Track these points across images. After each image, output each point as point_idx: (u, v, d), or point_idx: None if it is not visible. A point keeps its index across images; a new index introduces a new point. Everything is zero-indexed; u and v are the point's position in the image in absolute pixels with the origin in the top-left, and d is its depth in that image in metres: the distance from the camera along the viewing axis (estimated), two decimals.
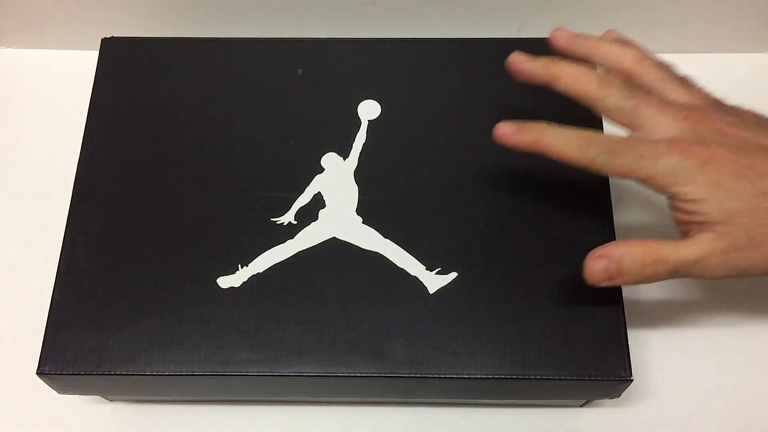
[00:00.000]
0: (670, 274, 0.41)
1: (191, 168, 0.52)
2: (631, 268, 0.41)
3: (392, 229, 0.50)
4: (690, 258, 0.40)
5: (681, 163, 0.40)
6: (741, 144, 0.40)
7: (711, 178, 0.40)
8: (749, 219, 0.39)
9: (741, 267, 0.40)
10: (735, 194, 0.39)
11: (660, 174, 0.40)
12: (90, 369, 0.46)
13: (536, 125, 0.43)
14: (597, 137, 0.42)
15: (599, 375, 0.45)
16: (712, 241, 0.40)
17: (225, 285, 0.48)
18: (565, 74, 0.43)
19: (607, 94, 0.42)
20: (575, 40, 0.46)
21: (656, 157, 0.40)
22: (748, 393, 0.53)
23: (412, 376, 0.46)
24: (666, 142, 0.40)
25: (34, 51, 0.69)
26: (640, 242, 0.41)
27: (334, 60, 0.56)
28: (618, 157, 0.41)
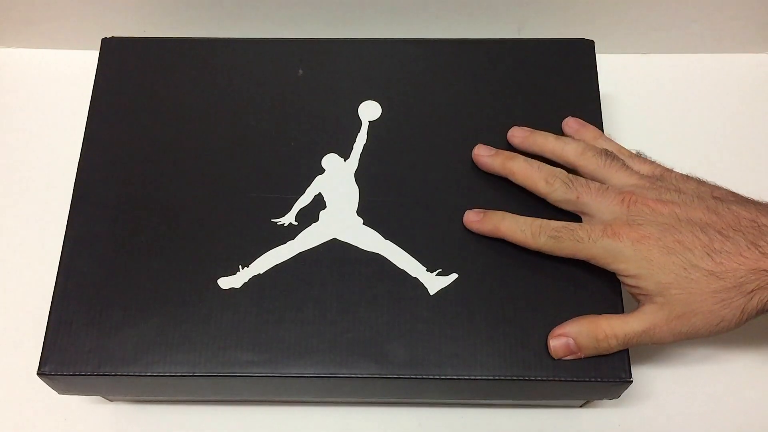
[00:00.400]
0: (622, 345, 0.45)
1: (191, 168, 0.52)
2: (587, 344, 0.45)
3: (393, 231, 0.50)
4: (637, 330, 0.45)
5: (613, 244, 0.45)
6: (671, 221, 0.45)
7: (643, 255, 0.44)
8: (682, 289, 0.43)
9: (685, 332, 0.44)
10: (666, 268, 0.44)
11: (598, 255, 0.45)
12: (90, 369, 0.46)
13: (496, 216, 0.49)
14: (545, 225, 0.47)
15: (599, 376, 0.46)
16: (654, 312, 0.44)
17: (226, 286, 0.48)
18: (518, 171, 0.49)
19: (552, 189, 0.48)
20: (527, 139, 0.51)
21: (593, 240, 0.45)
22: (747, 394, 0.53)
23: (413, 377, 0.46)
24: (601, 226, 0.46)
25: (34, 51, 0.68)
26: (593, 320, 0.46)
27: (334, 60, 0.56)
28: (562, 242, 0.46)
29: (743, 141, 0.63)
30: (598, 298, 0.47)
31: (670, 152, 0.62)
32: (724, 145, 0.63)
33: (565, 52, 0.56)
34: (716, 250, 0.43)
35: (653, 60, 0.67)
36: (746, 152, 0.63)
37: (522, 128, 0.52)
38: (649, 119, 0.64)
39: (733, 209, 0.45)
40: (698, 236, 0.44)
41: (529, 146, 0.51)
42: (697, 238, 0.44)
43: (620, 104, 0.64)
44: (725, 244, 0.43)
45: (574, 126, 0.52)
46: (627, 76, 0.66)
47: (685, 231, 0.44)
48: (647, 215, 0.45)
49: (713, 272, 0.43)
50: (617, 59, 0.66)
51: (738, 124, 0.64)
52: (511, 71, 0.56)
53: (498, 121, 0.53)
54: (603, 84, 0.55)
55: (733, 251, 0.43)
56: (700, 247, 0.44)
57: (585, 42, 0.56)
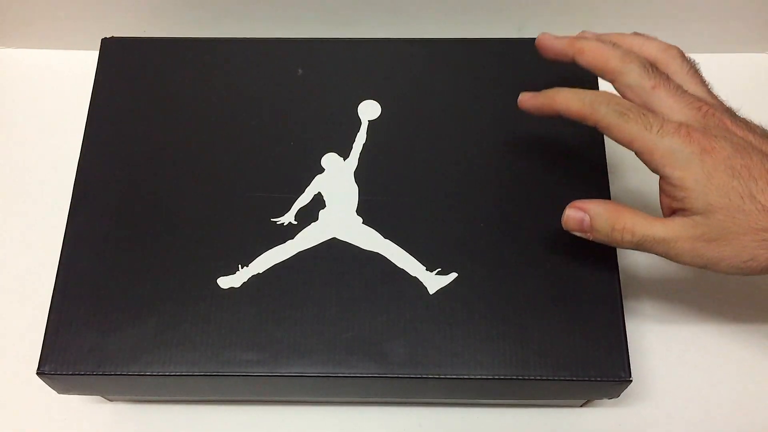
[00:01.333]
0: (635, 245, 0.43)
1: (191, 168, 0.52)
2: (601, 228, 0.43)
3: (392, 230, 0.50)
4: (658, 236, 0.42)
5: (682, 146, 0.41)
6: (743, 144, 0.41)
7: (705, 168, 0.41)
8: (728, 216, 0.40)
9: (707, 258, 0.41)
10: (723, 190, 0.40)
11: (660, 150, 0.41)
12: (90, 369, 0.46)
13: (551, 90, 0.45)
14: (612, 97, 0.43)
15: (599, 376, 0.46)
16: (685, 227, 0.41)
17: (225, 285, 0.48)
18: (589, 48, 0.45)
19: (628, 69, 0.43)
20: (602, 35, 0.47)
21: (662, 133, 0.41)
22: (746, 393, 0.53)
23: (413, 377, 0.46)
24: (675, 123, 0.41)
25: (34, 51, 0.69)
26: (619, 207, 0.43)
27: (334, 60, 0.56)
28: (627, 120, 0.42)
29: None
30: (598, 299, 0.47)
31: None
32: None
33: None
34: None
35: None
36: None
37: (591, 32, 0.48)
38: None
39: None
40: (767, 167, 0.40)
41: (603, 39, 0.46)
42: (765, 168, 0.40)
43: None
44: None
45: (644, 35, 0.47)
46: None
47: (756, 159, 0.41)
48: (722, 131, 0.42)
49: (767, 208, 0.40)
50: None
51: None
52: (511, 71, 0.56)
53: (498, 121, 0.53)
54: (603, 84, 0.55)
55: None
56: (765, 178, 0.40)
57: None
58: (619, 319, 0.47)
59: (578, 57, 0.45)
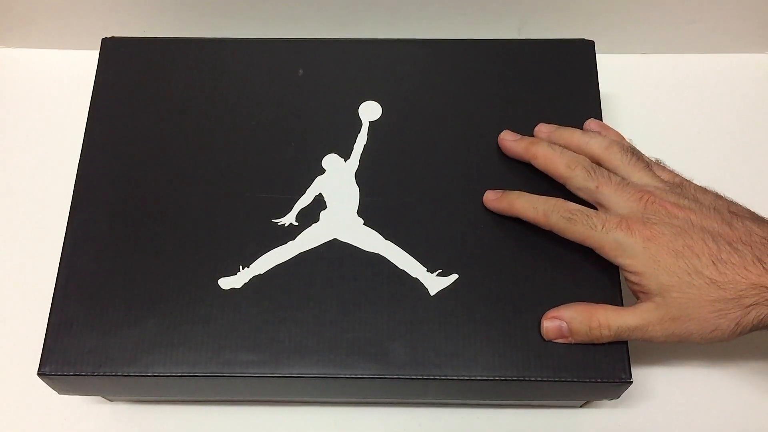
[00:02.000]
0: (613, 337, 0.46)
1: (192, 168, 0.52)
2: (579, 330, 0.46)
3: (393, 231, 0.50)
4: (630, 325, 0.45)
5: (625, 238, 0.45)
6: (685, 226, 0.45)
7: (651, 254, 0.44)
8: (682, 293, 0.44)
9: (678, 334, 0.45)
10: (670, 271, 0.44)
11: (608, 245, 0.46)
12: (91, 370, 0.46)
13: (512, 194, 0.49)
14: (560, 205, 0.47)
15: (599, 377, 0.46)
16: (651, 311, 0.45)
17: (226, 286, 0.48)
18: (540, 155, 0.50)
19: (573, 175, 0.48)
20: (554, 134, 0.52)
21: (606, 230, 0.45)
22: (746, 395, 0.53)
23: (413, 378, 0.46)
24: (616, 218, 0.46)
25: (34, 51, 0.68)
26: (589, 307, 0.46)
27: (334, 61, 0.56)
28: (575, 224, 0.46)
29: (743, 141, 0.63)
30: (598, 299, 0.47)
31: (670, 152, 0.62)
32: (723, 145, 0.63)
33: (566, 53, 0.56)
34: (722, 260, 0.44)
35: (653, 60, 0.67)
36: (746, 152, 0.63)
37: (548, 125, 0.52)
38: (649, 119, 0.64)
39: (747, 224, 0.45)
40: (708, 244, 0.44)
41: (555, 140, 0.51)
42: (706, 245, 0.44)
43: (620, 104, 0.64)
44: (732, 256, 0.44)
45: (596, 128, 0.52)
46: (627, 76, 0.66)
47: (696, 237, 0.44)
48: (662, 216, 0.45)
49: (715, 281, 0.43)
50: (617, 59, 0.66)
51: (738, 124, 0.64)
52: (512, 71, 0.56)
53: (498, 122, 0.53)
54: (603, 84, 0.55)
55: (738, 264, 0.43)
56: (707, 254, 0.44)
57: (585, 42, 0.56)
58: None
59: (533, 161, 0.50)
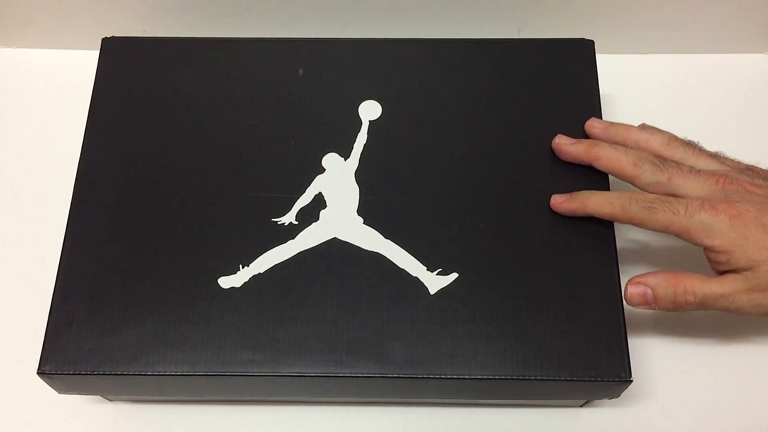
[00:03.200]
0: (698, 305, 0.46)
1: (192, 168, 0.52)
2: (664, 296, 0.46)
3: (393, 230, 0.50)
4: (717, 293, 0.45)
5: (711, 219, 0.45)
6: (766, 201, 0.45)
7: (738, 232, 0.45)
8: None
9: (765, 305, 0.45)
10: (759, 245, 0.44)
11: (693, 228, 0.45)
12: (90, 369, 0.46)
13: (582, 193, 0.49)
14: (637, 195, 0.47)
15: (599, 376, 0.46)
16: (738, 282, 0.45)
17: (226, 285, 0.48)
18: (604, 155, 0.49)
19: (641, 172, 0.48)
20: (608, 130, 0.51)
21: (690, 213, 0.45)
22: (746, 394, 0.53)
23: (413, 377, 0.46)
24: (698, 201, 0.46)
25: (34, 51, 0.68)
26: (675, 274, 0.47)
27: (335, 60, 0.56)
28: (656, 213, 0.46)
29: (743, 141, 0.63)
30: (598, 300, 0.47)
31: None
32: (724, 145, 0.62)
33: (565, 52, 0.56)
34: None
35: (653, 60, 0.67)
36: (746, 152, 0.62)
37: (599, 120, 0.52)
38: (649, 119, 0.64)
39: None
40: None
41: (611, 136, 0.51)
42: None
43: (620, 104, 0.64)
44: None
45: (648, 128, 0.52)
46: (627, 76, 0.66)
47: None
48: (743, 194, 0.46)
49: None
50: (617, 59, 0.66)
51: (738, 124, 0.64)
52: (512, 71, 0.56)
53: (498, 121, 0.54)
54: (603, 84, 0.55)
55: None
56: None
57: (585, 42, 0.56)
58: (619, 319, 0.47)
59: (595, 163, 0.50)
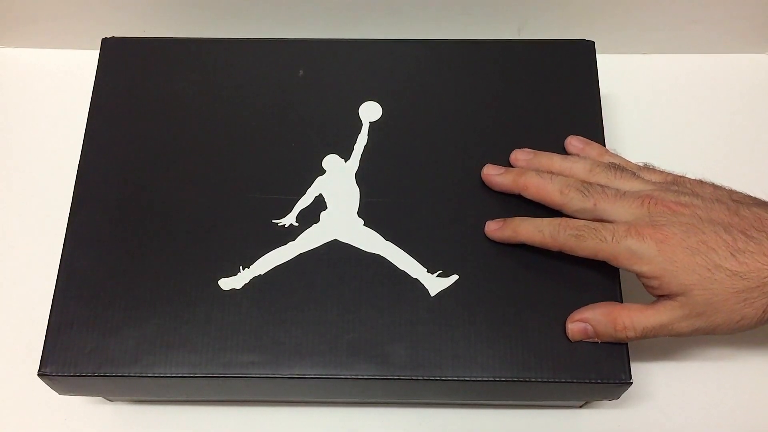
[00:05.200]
0: (639, 336, 0.46)
1: (192, 169, 0.52)
2: (604, 332, 0.46)
3: (394, 232, 0.50)
4: (655, 324, 0.45)
5: (637, 245, 0.44)
6: (694, 222, 0.45)
7: (666, 257, 0.44)
8: (705, 290, 0.43)
9: (705, 328, 0.45)
10: (690, 269, 0.43)
11: (621, 255, 0.45)
12: (91, 370, 0.46)
13: (514, 221, 0.49)
14: (565, 223, 0.47)
15: (599, 378, 0.46)
16: (675, 309, 0.45)
17: (226, 287, 0.48)
18: (531, 185, 0.49)
19: (568, 199, 0.48)
20: (533, 161, 0.51)
21: (616, 240, 0.45)
22: (746, 395, 0.53)
23: (414, 379, 0.46)
24: (625, 226, 0.45)
25: (34, 51, 0.68)
26: (613, 308, 0.46)
27: (335, 61, 0.56)
28: (584, 240, 0.46)
29: (743, 141, 0.63)
30: (598, 299, 0.47)
31: (670, 152, 0.62)
32: (724, 145, 0.63)
33: (566, 53, 0.56)
34: (740, 250, 0.43)
35: (653, 60, 0.67)
36: (746, 152, 0.63)
37: (524, 150, 0.52)
38: (649, 119, 0.64)
39: (754, 211, 0.45)
40: (722, 236, 0.44)
41: (535, 167, 0.51)
42: (720, 238, 0.44)
43: (620, 104, 0.64)
44: (749, 244, 0.43)
45: (577, 145, 0.52)
46: (627, 76, 0.66)
47: (708, 231, 0.44)
48: (669, 216, 0.45)
49: (737, 272, 0.43)
50: (617, 59, 0.66)
51: (738, 124, 0.64)
52: (512, 72, 0.56)
53: (498, 122, 0.54)
54: (603, 84, 0.55)
55: (757, 251, 0.43)
56: (723, 247, 0.43)
57: (585, 43, 0.56)
58: None
59: (524, 192, 0.50)
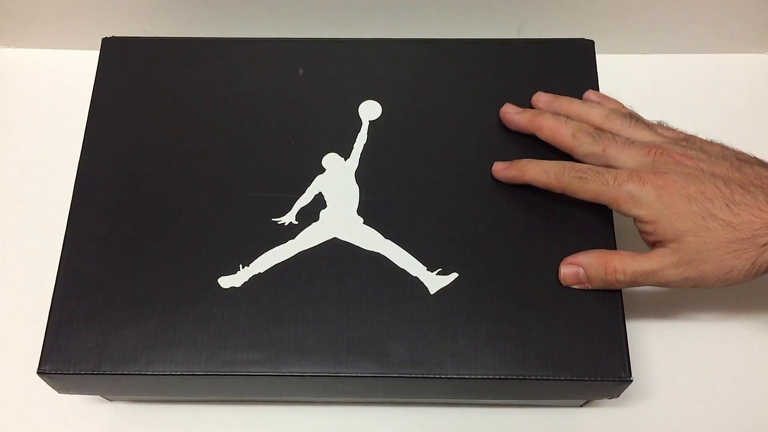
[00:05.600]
0: (629, 282, 0.47)
1: (192, 168, 0.52)
2: (595, 275, 0.47)
3: (393, 230, 0.50)
4: (646, 269, 0.46)
5: (638, 189, 0.46)
6: (695, 173, 0.46)
7: (663, 202, 0.45)
8: (697, 237, 0.45)
9: (693, 278, 0.46)
10: (685, 216, 0.45)
11: (621, 198, 0.46)
12: (91, 369, 0.46)
13: (521, 162, 0.50)
14: (571, 165, 0.49)
15: (599, 376, 0.46)
16: (666, 256, 0.46)
17: (226, 285, 0.48)
18: (546, 125, 0.51)
19: (579, 143, 0.49)
20: (553, 103, 0.53)
21: (618, 183, 0.46)
22: (746, 393, 0.53)
23: (413, 377, 0.46)
24: (627, 172, 0.47)
25: (34, 51, 0.69)
26: (606, 253, 0.48)
27: (335, 60, 0.56)
28: (586, 183, 0.47)
29: (743, 141, 0.63)
30: (598, 299, 0.47)
31: None
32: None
33: (566, 53, 0.56)
34: (735, 202, 0.44)
35: (653, 60, 0.67)
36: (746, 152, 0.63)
37: (546, 93, 0.53)
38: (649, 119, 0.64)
39: (756, 169, 0.46)
40: (719, 188, 0.45)
41: (554, 110, 0.52)
42: (718, 189, 0.45)
43: None
44: (745, 197, 0.45)
45: (595, 98, 0.53)
46: (627, 76, 0.66)
47: (708, 182, 0.45)
48: (672, 165, 0.46)
49: (730, 222, 0.44)
50: (617, 59, 0.66)
51: (738, 124, 0.64)
52: (511, 71, 0.56)
53: (498, 121, 0.54)
54: (603, 84, 0.55)
55: (752, 204, 0.44)
56: (720, 197, 0.45)
57: (585, 42, 0.56)
58: (619, 319, 0.47)
59: (538, 133, 0.51)
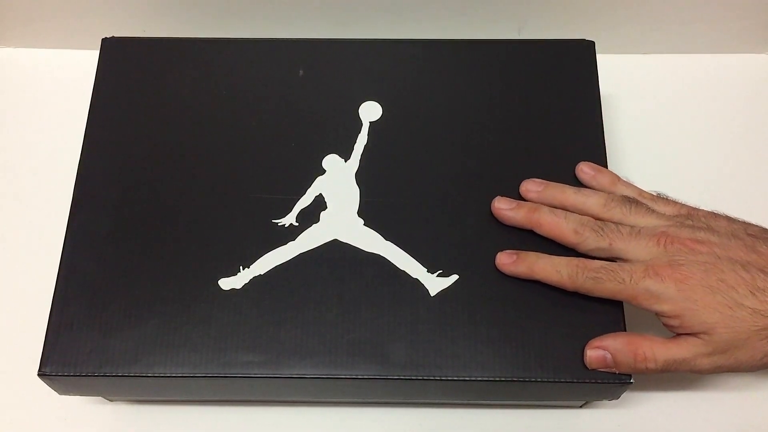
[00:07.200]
0: (660, 369, 0.45)
1: (192, 168, 0.52)
2: (624, 361, 0.45)
3: (394, 231, 0.50)
4: (678, 358, 0.45)
5: (656, 285, 0.44)
6: (712, 260, 0.44)
7: (686, 296, 0.44)
8: (728, 328, 0.43)
9: (726, 366, 0.45)
10: (711, 308, 0.43)
11: (641, 296, 0.45)
12: (91, 370, 0.46)
13: (530, 256, 0.48)
14: (583, 265, 0.46)
15: (599, 378, 0.46)
16: (698, 346, 0.44)
17: (226, 287, 0.48)
18: (545, 222, 0.48)
19: (583, 239, 0.47)
20: (544, 193, 0.50)
21: (635, 281, 0.45)
22: (746, 395, 0.53)
23: (414, 378, 0.46)
24: (642, 267, 0.45)
25: (34, 51, 0.68)
26: (634, 338, 0.45)
27: (335, 61, 0.56)
28: (602, 283, 0.45)
29: (743, 141, 0.63)
30: (598, 301, 0.47)
31: (670, 152, 0.62)
32: (724, 145, 0.63)
33: (566, 53, 0.56)
34: (759, 288, 0.43)
35: (653, 60, 0.67)
36: (746, 152, 0.63)
37: (534, 181, 0.51)
38: (649, 119, 0.64)
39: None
40: (740, 275, 0.44)
41: (547, 201, 0.50)
42: (739, 276, 0.44)
43: (620, 104, 0.64)
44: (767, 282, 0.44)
45: (589, 172, 0.51)
46: (627, 76, 0.66)
47: (727, 270, 0.44)
48: (686, 254, 0.45)
49: (758, 311, 0.43)
50: (617, 59, 0.66)
51: (738, 124, 0.64)
52: (512, 72, 0.56)
53: (498, 122, 0.54)
54: (603, 84, 0.55)
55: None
56: (743, 285, 0.43)
57: (585, 43, 0.56)
58: (619, 321, 0.47)
59: (537, 230, 0.49)
